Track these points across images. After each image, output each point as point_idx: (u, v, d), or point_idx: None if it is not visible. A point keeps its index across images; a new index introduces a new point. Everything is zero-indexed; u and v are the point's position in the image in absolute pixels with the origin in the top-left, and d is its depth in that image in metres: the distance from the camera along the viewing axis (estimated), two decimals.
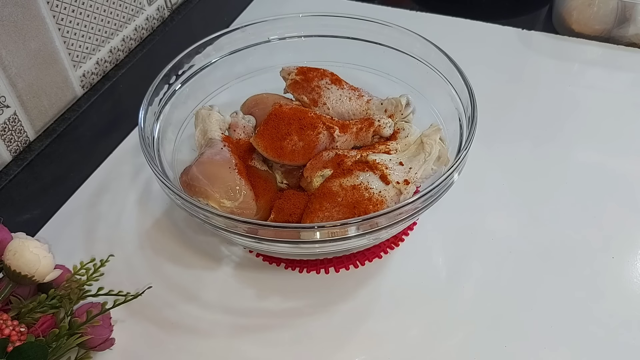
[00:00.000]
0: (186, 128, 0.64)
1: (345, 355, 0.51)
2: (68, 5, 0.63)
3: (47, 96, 0.64)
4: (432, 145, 0.56)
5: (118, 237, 0.60)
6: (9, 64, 0.58)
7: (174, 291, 0.55)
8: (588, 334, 0.51)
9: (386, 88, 0.65)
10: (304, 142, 0.57)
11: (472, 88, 0.56)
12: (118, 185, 0.66)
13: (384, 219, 0.48)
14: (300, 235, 0.48)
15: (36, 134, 0.64)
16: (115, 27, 0.71)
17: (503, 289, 0.54)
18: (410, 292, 0.55)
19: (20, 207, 0.60)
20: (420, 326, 0.52)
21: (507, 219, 0.60)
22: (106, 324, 0.49)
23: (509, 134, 0.69)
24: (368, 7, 0.90)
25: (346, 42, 0.67)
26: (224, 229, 0.50)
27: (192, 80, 0.64)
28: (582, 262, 0.56)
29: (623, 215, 0.60)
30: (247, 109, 0.64)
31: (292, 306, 0.54)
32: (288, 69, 0.64)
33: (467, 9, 0.91)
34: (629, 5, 0.76)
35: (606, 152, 0.66)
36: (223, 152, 0.56)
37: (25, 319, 0.45)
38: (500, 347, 0.50)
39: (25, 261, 0.45)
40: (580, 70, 0.78)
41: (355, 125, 0.60)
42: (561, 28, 0.83)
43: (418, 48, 0.63)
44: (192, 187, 0.54)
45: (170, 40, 0.78)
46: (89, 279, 0.49)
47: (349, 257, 0.57)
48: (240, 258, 0.58)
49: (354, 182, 0.53)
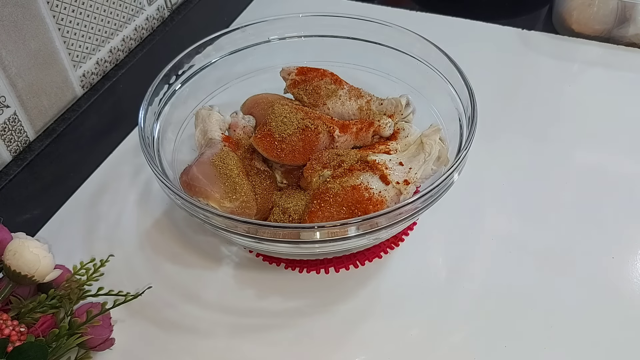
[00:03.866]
0: (186, 128, 0.63)
1: (345, 355, 0.51)
2: (68, 5, 0.63)
3: (47, 96, 0.64)
4: (432, 145, 0.56)
5: (118, 237, 0.60)
6: (9, 64, 0.58)
7: (174, 291, 0.55)
8: (588, 334, 0.51)
9: (386, 88, 0.65)
10: (304, 142, 0.57)
11: (472, 88, 0.56)
12: (118, 185, 0.66)
13: (384, 219, 0.48)
14: (300, 235, 0.48)
15: (36, 134, 0.64)
16: (115, 27, 0.71)
17: (503, 289, 0.54)
18: (410, 292, 0.55)
19: (20, 207, 0.60)
20: (420, 326, 0.52)
21: (507, 219, 0.60)
22: (106, 324, 0.49)
23: (509, 134, 0.69)
24: (368, 7, 0.90)
25: (346, 42, 0.67)
26: (224, 229, 0.50)
27: (192, 80, 0.64)
28: (582, 262, 0.56)
29: (623, 216, 0.60)
30: (247, 109, 0.64)
31: (292, 306, 0.54)
32: (288, 69, 0.64)
33: (467, 9, 0.90)
34: (629, 5, 0.76)
35: (606, 152, 0.66)
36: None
37: (25, 319, 0.45)
38: (500, 347, 0.50)
39: (25, 261, 0.45)
40: (580, 70, 0.78)
41: (355, 125, 0.60)
42: (561, 28, 0.83)
43: (418, 48, 0.63)
44: (192, 187, 0.54)
45: (170, 40, 0.78)
46: (89, 279, 0.49)
47: (349, 257, 0.57)
48: (240, 258, 0.58)
49: (354, 182, 0.53)
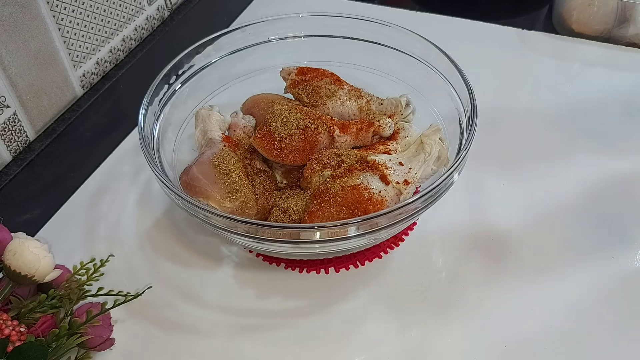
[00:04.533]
0: (186, 128, 0.63)
1: (345, 355, 0.51)
2: (68, 5, 0.63)
3: (47, 96, 0.64)
4: (432, 145, 0.56)
5: (118, 237, 0.60)
6: (9, 64, 0.58)
7: (174, 291, 0.55)
8: (588, 334, 0.51)
9: (386, 88, 0.65)
10: (303, 142, 0.57)
11: (472, 88, 0.56)
12: (118, 185, 0.66)
13: (384, 219, 0.48)
14: (300, 235, 0.48)
15: (36, 134, 0.64)
16: (115, 27, 0.71)
17: (503, 289, 0.54)
18: (410, 292, 0.55)
19: (20, 207, 0.60)
20: (420, 326, 0.52)
21: (507, 219, 0.60)
22: (106, 324, 0.49)
23: (509, 134, 0.69)
24: (368, 7, 0.90)
25: (346, 42, 0.67)
26: (224, 229, 0.50)
27: (192, 80, 0.64)
28: (582, 262, 0.56)
29: (623, 216, 0.60)
30: (247, 109, 0.64)
31: (292, 306, 0.54)
32: (288, 69, 0.64)
33: (467, 9, 0.90)
34: (629, 5, 0.76)
35: (606, 152, 0.66)
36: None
37: (25, 319, 0.45)
38: (500, 347, 0.50)
39: (25, 261, 0.45)
40: (580, 70, 0.78)
41: (355, 125, 0.60)
42: (561, 28, 0.83)
43: (418, 48, 0.63)
44: (192, 187, 0.54)
45: (170, 40, 0.78)
46: (89, 279, 0.49)
47: (349, 257, 0.57)
48: (240, 258, 0.58)
49: (354, 182, 0.53)
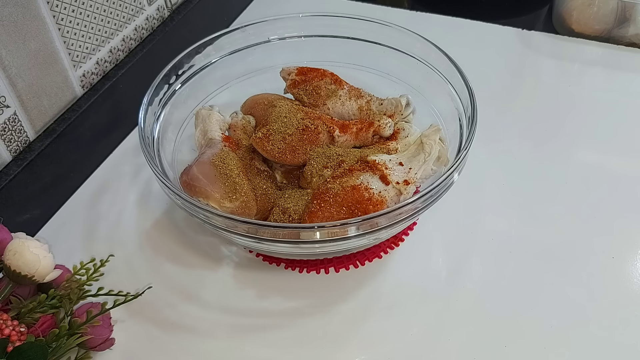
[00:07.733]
0: (186, 128, 0.63)
1: (345, 355, 0.51)
2: (68, 5, 0.63)
3: (47, 96, 0.64)
4: (432, 145, 0.56)
5: (118, 237, 0.60)
6: (9, 64, 0.58)
7: (174, 291, 0.55)
8: (588, 334, 0.51)
9: (386, 88, 0.65)
10: (304, 143, 0.57)
11: (472, 88, 0.56)
12: (118, 185, 0.66)
13: (384, 219, 0.48)
14: (300, 235, 0.48)
15: (36, 134, 0.64)
16: (115, 27, 0.71)
17: (503, 289, 0.54)
18: (410, 292, 0.55)
19: (20, 207, 0.60)
20: (420, 326, 0.52)
21: (507, 219, 0.60)
22: (106, 324, 0.49)
23: (509, 134, 0.69)
24: (368, 7, 0.90)
25: (346, 42, 0.67)
26: (224, 229, 0.50)
27: (192, 80, 0.64)
28: (582, 262, 0.56)
29: (623, 215, 0.60)
30: (247, 109, 0.64)
31: (292, 306, 0.54)
32: (288, 69, 0.64)
33: (467, 9, 0.90)
34: (629, 5, 0.76)
35: (606, 152, 0.66)
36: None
37: (25, 319, 0.45)
38: (500, 347, 0.50)
39: (25, 261, 0.45)
40: (580, 70, 0.78)
41: (355, 125, 0.60)
42: (561, 28, 0.83)
43: (418, 48, 0.63)
44: (192, 187, 0.54)
45: (170, 40, 0.78)
46: (89, 279, 0.49)
47: (349, 257, 0.57)
48: (240, 258, 0.58)
49: (354, 183, 0.53)
